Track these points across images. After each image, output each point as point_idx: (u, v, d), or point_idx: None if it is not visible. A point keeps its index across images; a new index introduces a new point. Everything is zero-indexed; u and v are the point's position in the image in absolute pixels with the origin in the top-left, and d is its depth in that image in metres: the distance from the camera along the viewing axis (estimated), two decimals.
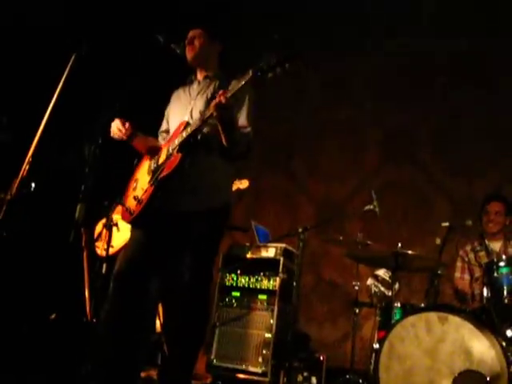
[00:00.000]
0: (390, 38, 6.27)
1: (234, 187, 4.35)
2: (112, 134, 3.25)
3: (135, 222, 3.16)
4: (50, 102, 3.28)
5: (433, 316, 3.43)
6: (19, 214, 3.24)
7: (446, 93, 5.90)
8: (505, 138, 5.53)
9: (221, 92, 2.87)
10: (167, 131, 3.43)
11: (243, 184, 4.52)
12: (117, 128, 3.22)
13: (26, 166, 3.23)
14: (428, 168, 5.87)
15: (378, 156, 6.11)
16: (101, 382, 2.97)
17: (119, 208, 3.71)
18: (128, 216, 3.18)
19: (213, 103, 2.86)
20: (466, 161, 5.63)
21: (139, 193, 3.16)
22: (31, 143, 3.24)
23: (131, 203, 3.18)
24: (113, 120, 3.22)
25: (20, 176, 3.22)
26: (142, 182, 3.23)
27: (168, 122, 3.44)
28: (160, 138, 3.45)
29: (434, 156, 5.88)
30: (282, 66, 2.67)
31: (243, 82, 2.78)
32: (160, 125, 3.51)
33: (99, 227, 4.38)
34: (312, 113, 6.52)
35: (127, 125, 3.22)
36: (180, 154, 2.98)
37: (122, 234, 4.10)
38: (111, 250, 3.98)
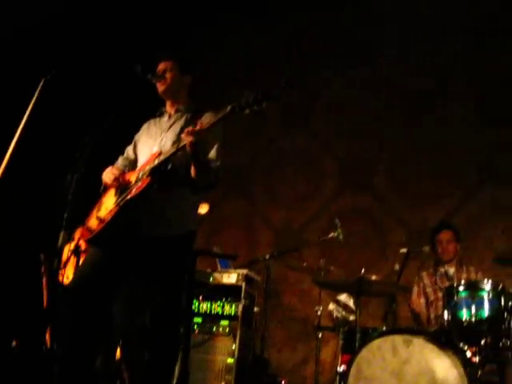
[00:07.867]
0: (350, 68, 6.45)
1: None
2: (106, 178, 3.23)
3: (94, 240, 3.13)
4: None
5: (398, 339, 3.55)
6: None
7: (401, 126, 6.13)
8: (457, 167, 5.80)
9: (198, 122, 2.94)
10: (128, 159, 3.45)
11: (203, 208, 4.49)
12: (112, 174, 3.19)
13: None
14: (383, 196, 6.07)
15: (335, 184, 6.28)
16: None
17: (80, 230, 3.67)
18: (88, 234, 3.16)
19: (188, 130, 2.87)
20: (420, 189, 5.86)
21: (103, 213, 3.16)
22: None
23: (93, 223, 3.18)
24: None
25: None
26: (107, 203, 3.22)
27: (134, 151, 3.46)
28: (120, 161, 3.46)
29: (389, 184, 6.08)
30: (259, 104, 2.74)
31: (221, 116, 2.83)
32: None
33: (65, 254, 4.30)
34: (271, 140, 6.66)
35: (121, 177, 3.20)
36: (148, 179, 3.01)
37: None
38: None
